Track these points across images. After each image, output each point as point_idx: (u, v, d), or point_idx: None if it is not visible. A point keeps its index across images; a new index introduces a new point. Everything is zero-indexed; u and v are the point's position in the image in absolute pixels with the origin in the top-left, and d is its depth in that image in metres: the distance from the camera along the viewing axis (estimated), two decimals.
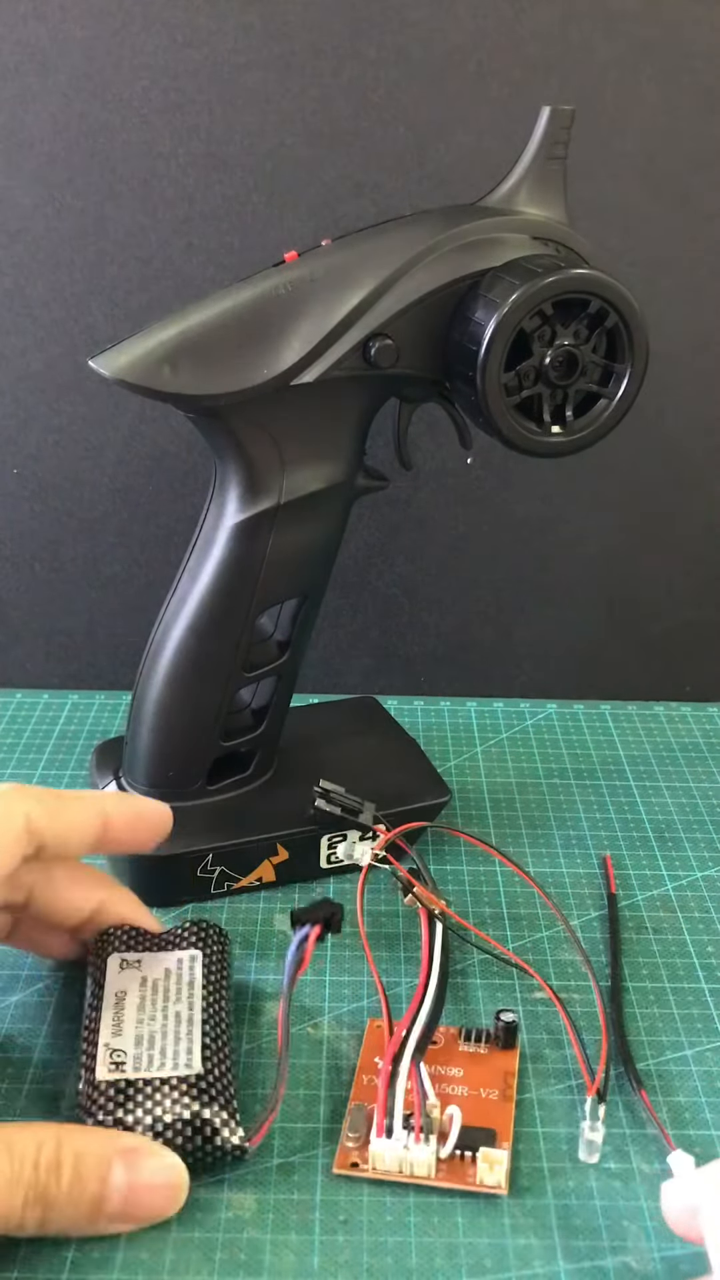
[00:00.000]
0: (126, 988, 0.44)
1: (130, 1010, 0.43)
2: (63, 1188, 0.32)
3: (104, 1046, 0.41)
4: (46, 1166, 0.32)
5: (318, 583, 0.55)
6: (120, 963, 0.45)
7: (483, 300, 0.48)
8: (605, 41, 0.63)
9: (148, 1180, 0.33)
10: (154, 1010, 0.43)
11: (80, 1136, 0.33)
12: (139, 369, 0.47)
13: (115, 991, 0.44)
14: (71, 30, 0.62)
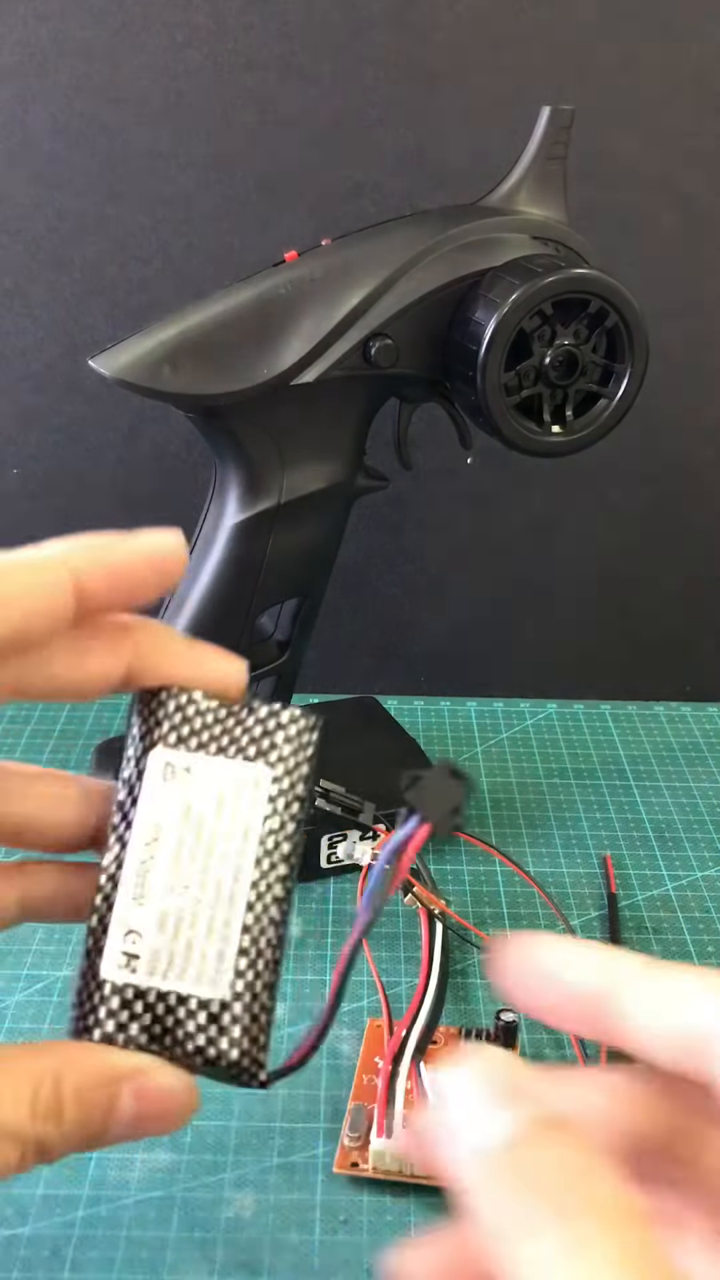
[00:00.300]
0: (164, 819, 0.30)
1: (163, 862, 0.29)
2: (63, 1131, 0.27)
3: (119, 922, 0.29)
4: (45, 1113, 0.26)
5: (318, 583, 0.55)
6: (166, 766, 0.30)
7: (483, 300, 0.48)
8: (605, 41, 0.63)
9: (156, 1104, 0.28)
10: (191, 868, 0.29)
11: (82, 1065, 0.27)
12: (139, 369, 0.47)
13: (151, 822, 0.30)
14: (71, 30, 0.62)
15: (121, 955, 0.29)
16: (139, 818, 0.30)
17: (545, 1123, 0.22)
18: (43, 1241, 0.40)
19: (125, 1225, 0.40)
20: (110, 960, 0.29)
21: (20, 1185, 0.42)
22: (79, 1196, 0.41)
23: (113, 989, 0.29)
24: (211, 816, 0.30)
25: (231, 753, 0.31)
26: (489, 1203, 0.22)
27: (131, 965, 0.29)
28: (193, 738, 0.31)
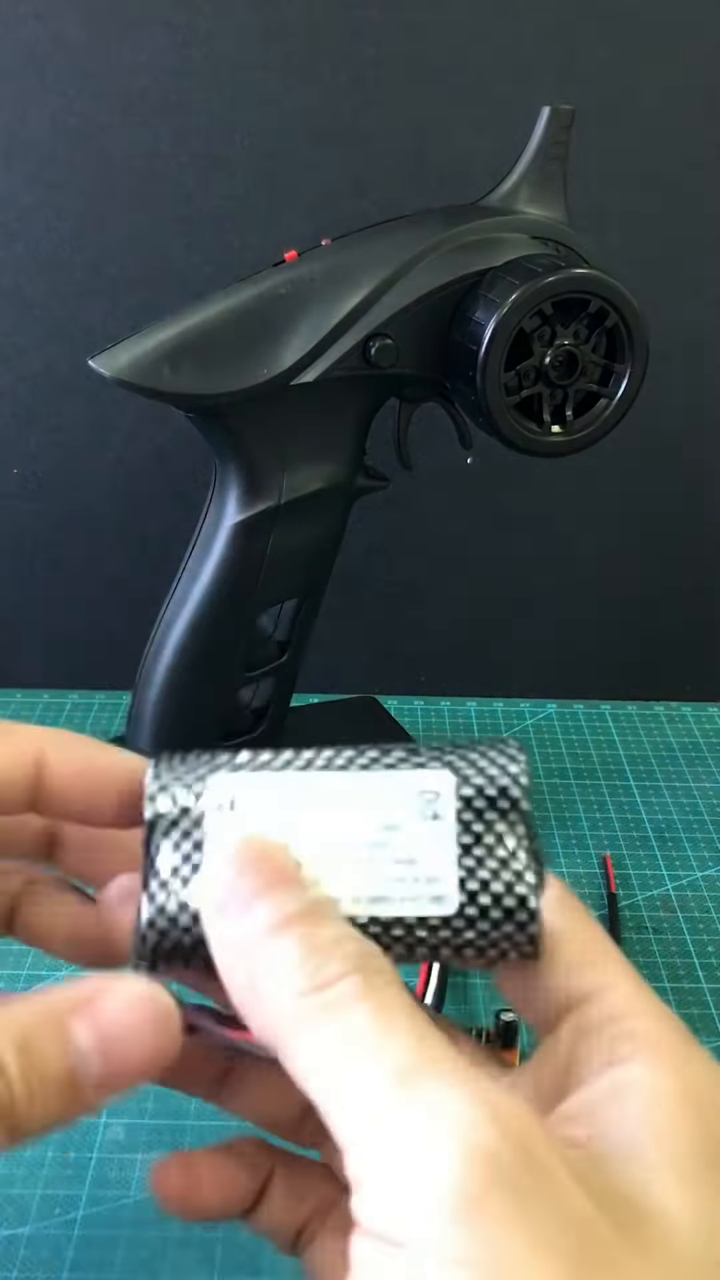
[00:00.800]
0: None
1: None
2: (16, 1086, 0.23)
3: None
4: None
5: (318, 583, 0.55)
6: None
7: (483, 300, 0.48)
8: (605, 41, 0.63)
9: (118, 1024, 0.24)
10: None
11: (13, 1013, 0.24)
12: (139, 369, 0.47)
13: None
14: (71, 30, 0.62)
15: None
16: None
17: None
18: (43, 1241, 0.40)
19: (125, 1225, 0.40)
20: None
21: (20, 1185, 0.42)
22: (79, 1196, 0.41)
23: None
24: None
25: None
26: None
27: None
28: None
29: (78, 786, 0.28)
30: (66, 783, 0.28)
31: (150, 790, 0.26)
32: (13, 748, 0.28)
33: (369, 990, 0.22)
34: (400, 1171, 0.20)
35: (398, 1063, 0.21)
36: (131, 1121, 0.44)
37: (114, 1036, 0.24)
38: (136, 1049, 0.25)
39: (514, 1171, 0.19)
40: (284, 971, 0.22)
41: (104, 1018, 0.24)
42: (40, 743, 0.28)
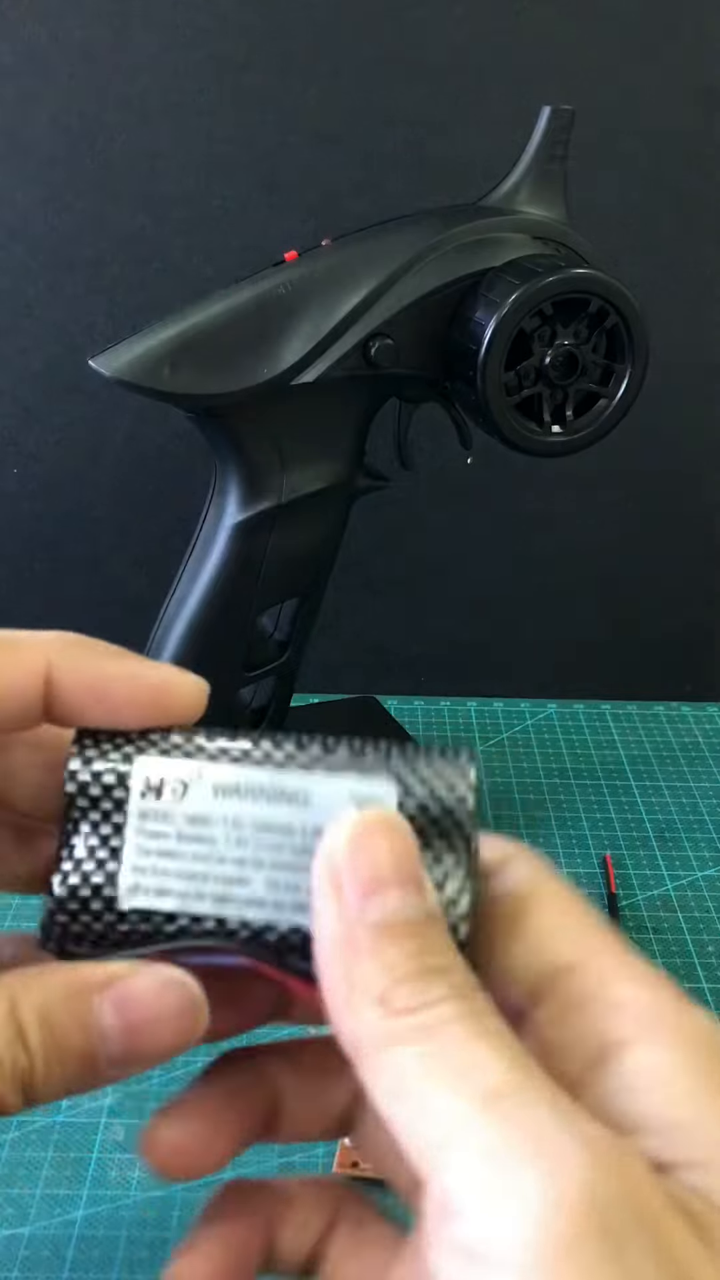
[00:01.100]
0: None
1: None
2: (36, 1057, 0.23)
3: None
4: (4, 1039, 0.23)
5: (318, 583, 0.55)
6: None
7: (483, 300, 0.48)
8: (605, 41, 0.63)
9: (147, 1009, 0.24)
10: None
11: (38, 983, 0.24)
12: (139, 369, 0.47)
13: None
14: (71, 30, 0.62)
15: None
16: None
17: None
18: (43, 1241, 0.40)
19: (125, 1225, 0.40)
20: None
21: (20, 1185, 0.42)
22: (79, 1196, 0.41)
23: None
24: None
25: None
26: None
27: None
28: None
29: (91, 702, 0.26)
30: (78, 698, 0.25)
31: (73, 765, 0.25)
32: (16, 663, 0.25)
33: (468, 1014, 0.21)
34: (491, 1200, 0.19)
35: (490, 1083, 0.20)
36: (131, 1121, 0.44)
37: (139, 1020, 0.24)
38: (159, 1035, 0.24)
39: (611, 1214, 0.18)
40: (387, 984, 0.21)
41: (131, 1000, 0.24)
42: (48, 654, 0.26)
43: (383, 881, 0.22)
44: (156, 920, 0.24)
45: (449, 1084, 0.20)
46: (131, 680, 0.26)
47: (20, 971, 0.24)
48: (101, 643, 0.26)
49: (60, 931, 0.24)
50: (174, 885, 0.24)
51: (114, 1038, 0.24)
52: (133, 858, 0.24)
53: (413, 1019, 0.21)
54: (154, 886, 0.24)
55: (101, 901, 0.24)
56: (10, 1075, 0.23)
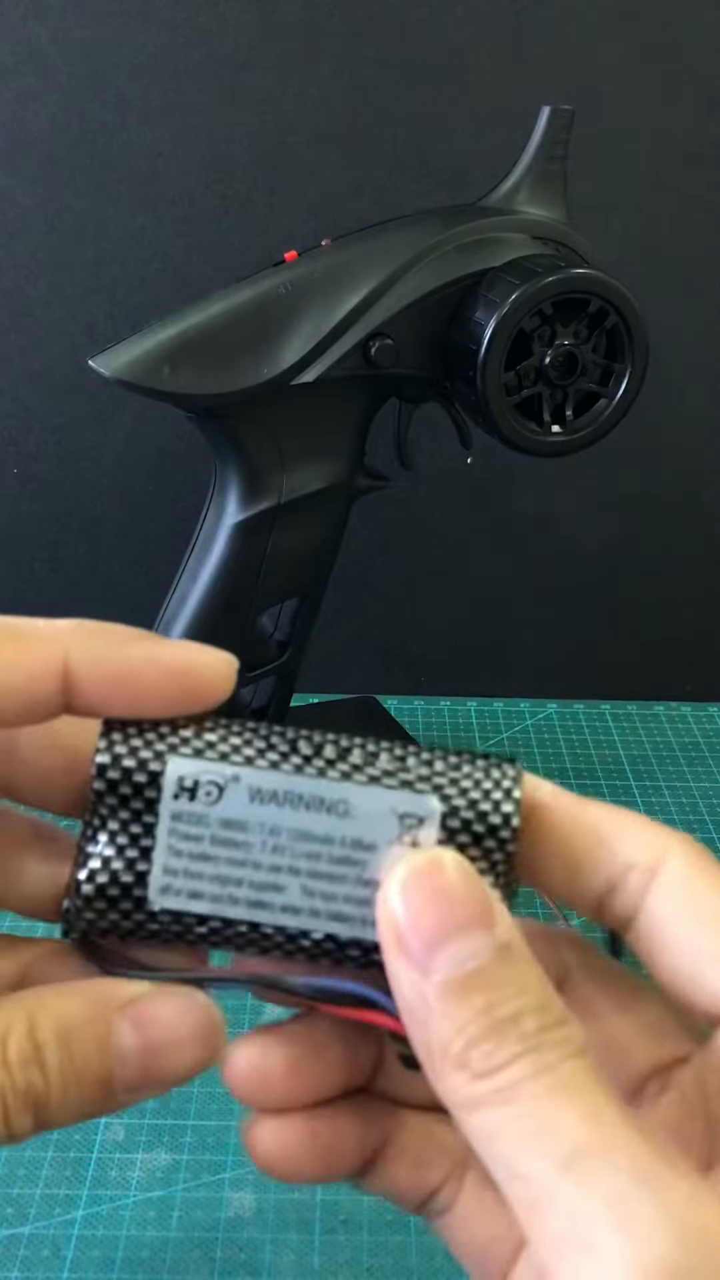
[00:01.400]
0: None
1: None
2: (52, 1079, 0.23)
3: None
4: (20, 1059, 0.22)
5: (318, 582, 0.55)
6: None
7: (483, 300, 0.48)
8: (605, 41, 0.63)
9: (167, 1034, 0.23)
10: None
11: (60, 1004, 0.23)
12: (139, 368, 0.47)
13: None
14: (71, 30, 0.62)
15: None
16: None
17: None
18: (43, 1241, 0.40)
19: (125, 1225, 0.40)
20: None
21: (20, 1185, 0.42)
22: (79, 1196, 0.41)
23: None
24: None
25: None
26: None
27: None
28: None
29: (112, 691, 0.24)
30: (99, 687, 0.24)
31: (101, 760, 0.24)
32: (32, 653, 0.24)
33: (544, 1069, 0.20)
34: (576, 1264, 0.18)
35: (569, 1143, 0.19)
36: (131, 1121, 0.44)
37: (159, 1045, 0.23)
38: (178, 1058, 0.24)
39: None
40: (461, 1047, 0.21)
41: (152, 1024, 0.23)
42: (65, 643, 0.24)
43: (444, 933, 0.21)
44: (187, 921, 0.24)
45: (531, 1146, 0.19)
46: (154, 665, 0.25)
47: (38, 990, 0.23)
48: (120, 627, 0.25)
49: (86, 926, 0.24)
50: (207, 888, 0.24)
51: (132, 1060, 0.23)
52: (164, 858, 0.24)
53: (490, 1083, 0.20)
54: (186, 889, 0.24)
55: (131, 901, 0.24)
56: (24, 1099, 0.22)
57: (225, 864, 0.24)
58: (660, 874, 0.23)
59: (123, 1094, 0.24)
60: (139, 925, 0.24)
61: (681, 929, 0.23)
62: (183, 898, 0.24)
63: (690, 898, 0.23)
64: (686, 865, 0.23)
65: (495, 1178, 0.20)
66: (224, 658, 0.25)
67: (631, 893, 0.23)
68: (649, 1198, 0.18)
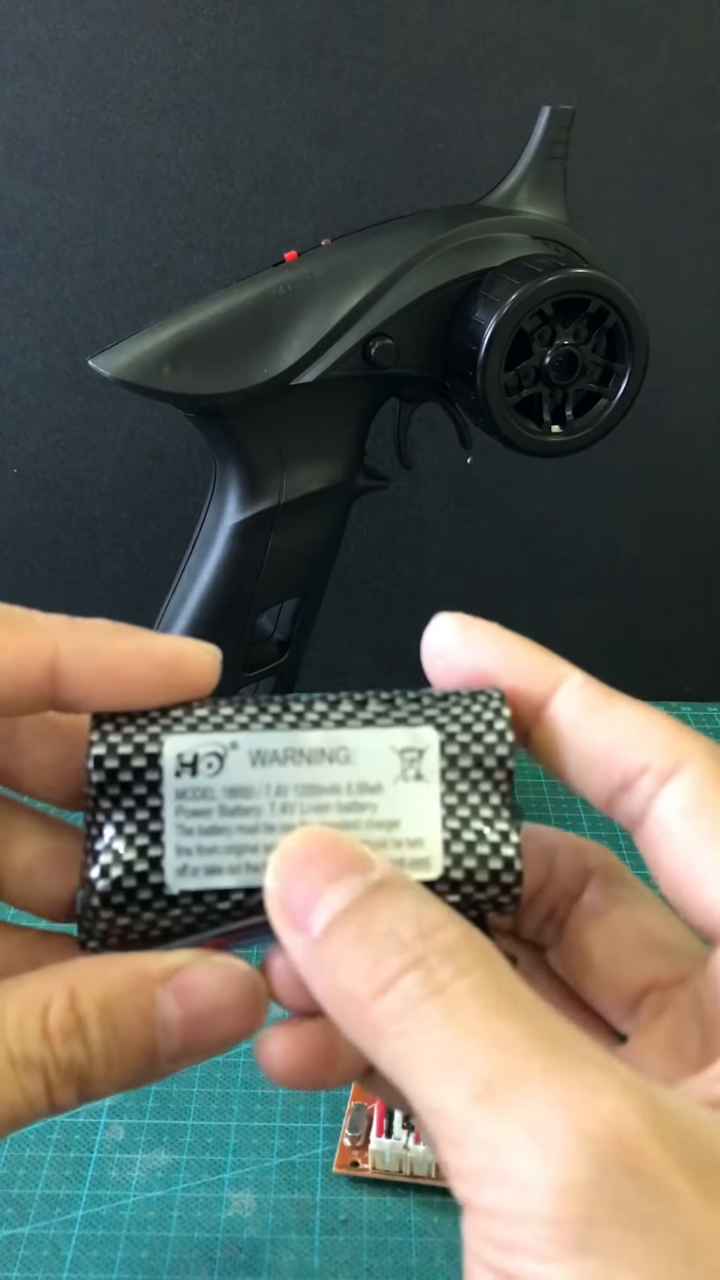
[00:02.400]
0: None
1: None
2: (95, 1052, 0.22)
3: None
4: (62, 1031, 0.22)
5: (318, 582, 0.55)
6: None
7: (483, 300, 0.48)
8: (605, 41, 0.63)
9: (210, 1002, 0.23)
10: None
11: (98, 975, 0.23)
12: (139, 368, 0.47)
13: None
14: (71, 30, 0.62)
15: None
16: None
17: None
18: (43, 1241, 0.40)
19: (125, 1225, 0.40)
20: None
21: (20, 1185, 0.42)
22: (79, 1196, 0.41)
23: None
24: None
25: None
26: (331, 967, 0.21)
27: None
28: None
29: (100, 683, 0.24)
30: (87, 680, 0.24)
31: (97, 752, 0.24)
32: (20, 643, 0.24)
33: (436, 990, 0.20)
34: (496, 1198, 0.18)
35: (478, 1073, 0.18)
36: (131, 1121, 0.44)
37: (202, 1014, 0.23)
38: (222, 1027, 0.23)
39: (618, 1200, 0.17)
40: (342, 979, 0.21)
41: (195, 994, 0.23)
42: (53, 635, 0.24)
43: (315, 891, 0.22)
44: (209, 899, 0.24)
45: (440, 1078, 0.19)
46: (141, 656, 0.25)
47: (75, 963, 0.23)
48: (105, 621, 0.25)
49: (106, 928, 0.24)
50: (223, 861, 0.23)
51: (175, 1030, 0.23)
52: (176, 839, 0.23)
53: (383, 1005, 0.20)
54: (203, 866, 0.23)
55: (150, 890, 0.23)
56: (66, 1072, 0.22)
57: (238, 833, 0.24)
58: (674, 779, 0.23)
59: (166, 1064, 0.23)
60: (161, 914, 0.23)
61: (685, 838, 0.22)
62: (201, 876, 0.23)
63: (699, 807, 0.22)
64: (703, 774, 0.22)
65: (418, 1115, 0.20)
66: (209, 649, 0.26)
67: (642, 794, 0.23)
68: (565, 1122, 0.18)
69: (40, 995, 0.22)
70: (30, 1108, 0.22)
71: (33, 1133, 0.44)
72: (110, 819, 0.23)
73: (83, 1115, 0.44)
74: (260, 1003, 0.24)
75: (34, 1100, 0.22)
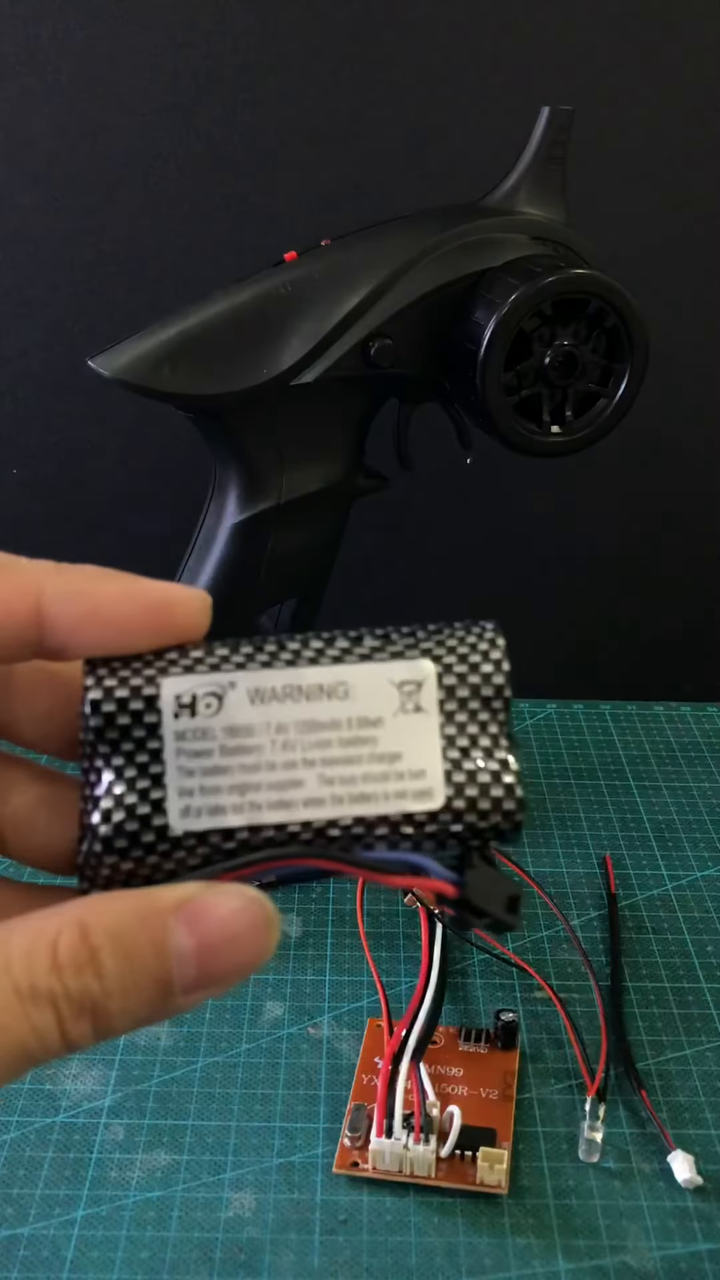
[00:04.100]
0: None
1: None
2: (110, 984, 0.22)
3: None
4: (73, 963, 0.22)
5: (318, 583, 0.55)
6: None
7: (482, 300, 0.48)
8: (605, 41, 0.63)
9: (222, 930, 0.23)
10: None
11: (108, 907, 0.23)
12: (138, 369, 0.47)
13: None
14: (71, 30, 0.62)
15: None
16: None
17: None
18: (42, 1241, 0.40)
19: (125, 1225, 0.40)
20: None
21: (20, 1185, 0.42)
22: (79, 1196, 0.41)
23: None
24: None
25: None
26: None
27: None
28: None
29: (88, 627, 0.24)
30: (74, 623, 0.24)
31: (93, 696, 0.23)
32: (6, 584, 0.24)
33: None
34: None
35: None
36: (131, 1121, 0.44)
37: (216, 943, 0.23)
38: (235, 955, 0.23)
39: None
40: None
41: (208, 922, 0.23)
42: (38, 578, 0.24)
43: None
44: (213, 840, 0.23)
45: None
46: (129, 599, 0.24)
47: (82, 899, 0.23)
48: (91, 566, 0.25)
49: (109, 873, 0.23)
50: (226, 801, 0.23)
51: (189, 960, 0.23)
52: (178, 780, 0.23)
53: None
54: (206, 806, 0.23)
55: (153, 833, 0.23)
56: (79, 1004, 0.22)
57: (240, 772, 0.23)
58: None
59: (180, 996, 0.23)
60: (164, 858, 0.23)
61: None
62: (204, 816, 0.23)
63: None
64: None
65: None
66: (199, 594, 0.25)
67: None
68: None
69: (47, 929, 0.22)
70: (41, 1043, 0.22)
71: (33, 1133, 0.44)
72: (109, 764, 0.23)
73: (82, 1115, 0.44)
74: (273, 928, 0.23)
75: (45, 1034, 0.22)
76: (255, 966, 0.23)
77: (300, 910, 0.54)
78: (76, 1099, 0.45)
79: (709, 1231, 0.40)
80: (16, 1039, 0.22)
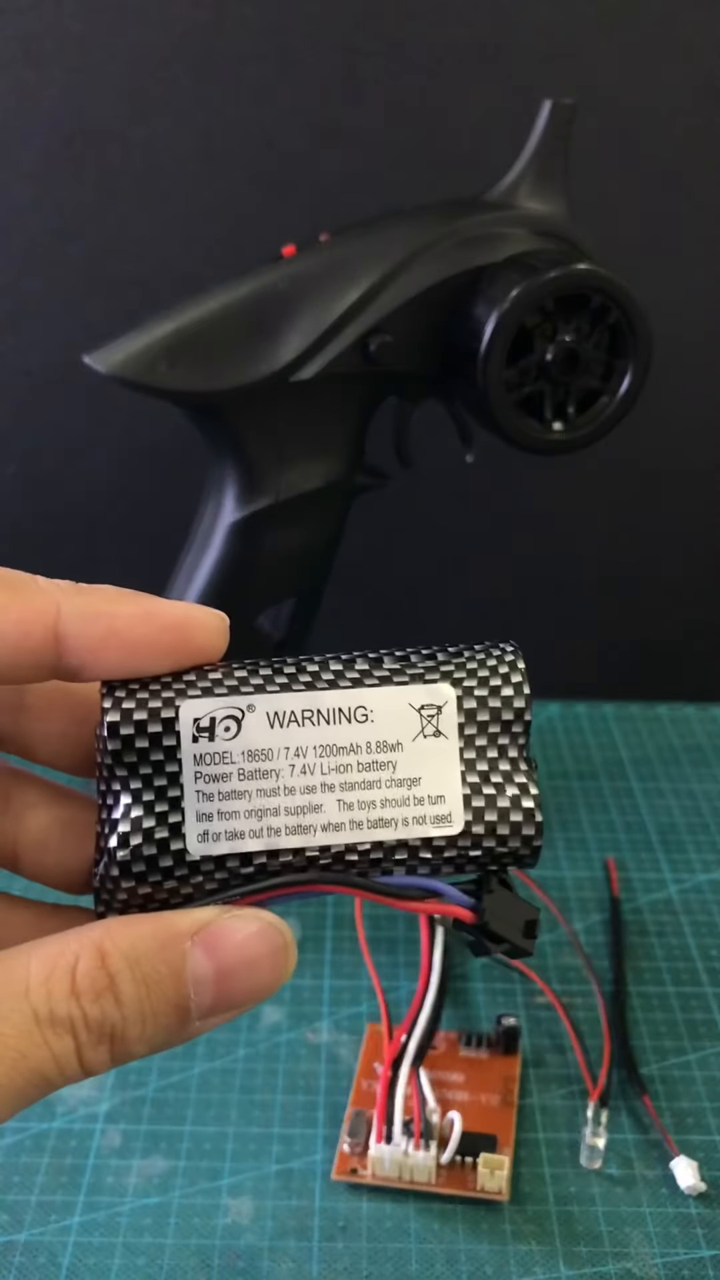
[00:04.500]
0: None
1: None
2: (128, 1010, 0.22)
3: None
4: (91, 989, 0.22)
5: (317, 582, 0.54)
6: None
7: (483, 296, 0.48)
8: (606, 36, 0.63)
9: (240, 955, 0.23)
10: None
11: (126, 933, 0.23)
12: (135, 365, 0.46)
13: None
14: (68, 24, 0.61)
15: None
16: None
17: None
18: (39, 1248, 0.39)
19: (122, 1232, 0.40)
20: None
21: (16, 1191, 0.41)
22: (75, 1203, 0.41)
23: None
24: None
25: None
26: None
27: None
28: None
29: (106, 649, 0.24)
30: (91, 645, 0.24)
31: (111, 719, 0.23)
32: (24, 606, 0.24)
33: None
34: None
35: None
36: (128, 1127, 0.44)
37: (233, 969, 0.23)
38: (253, 983, 0.23)
39: None
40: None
41: (226, 949, 0.23)
42: (58, 599, 0.24)
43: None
44: (232, 864, 0.23)
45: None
46: (147, 620, 0.24)
47: (99, 923, 0.23)
48: (109, 587, 0.25)
49: (126, 897, 0.23)
50: (244, 825, 0.23)
51: (207, 985, 0.23)
52: (196, 805, 0.23)
53: None
54: (224, 830, 0.23)
55: (170, 857, 0.23)
56: (98, 1031, 0.22)
57: (258, 796, 0.23)
58: None
59: (198, 1021, 0.23)
60: (181, 883, 0.23)
61: None
62: (222, 841, 0.23)
63: None
64: None
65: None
66: (216, 614, 0.25)
67: None
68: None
69: (66, 953, 0.22)
70: (60, 1069, 0.22)
71: (29, 1139, 0.43)
72: (127, 787, 0.23)
73: (79, 1121, 0.44)
74: (290, 953, 0.23)
75: (63, 1061, 0.22)
76: (272, 991, 0.23)
77: (299, 914, 0.54)
78: (73, 1104, 0.45)
79: (712, 1238, 0.40)
80: (35, 1065, 0.22)
